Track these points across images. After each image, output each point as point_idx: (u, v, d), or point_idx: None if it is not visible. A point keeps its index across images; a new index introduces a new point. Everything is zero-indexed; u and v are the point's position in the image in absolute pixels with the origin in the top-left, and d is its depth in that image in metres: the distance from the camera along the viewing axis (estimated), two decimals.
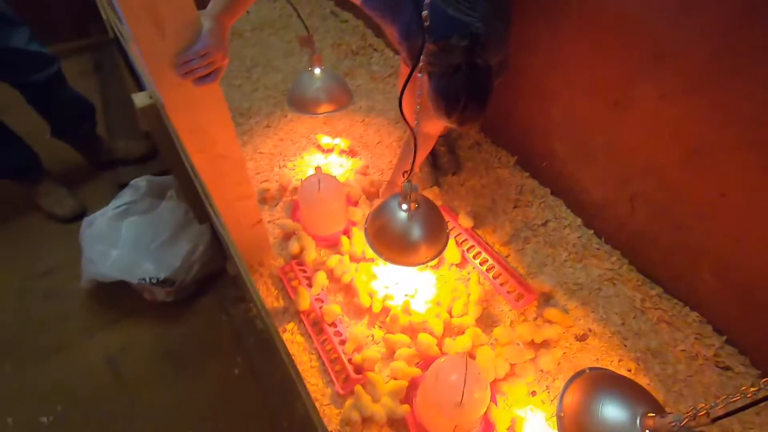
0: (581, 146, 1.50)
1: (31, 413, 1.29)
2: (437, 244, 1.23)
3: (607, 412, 0.82)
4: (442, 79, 1.05)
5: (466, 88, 1.05)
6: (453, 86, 1.04)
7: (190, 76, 0.96)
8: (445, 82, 1.05)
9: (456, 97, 1.05)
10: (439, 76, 1.05)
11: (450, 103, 1.06)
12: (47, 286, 1.60)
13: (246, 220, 1.39)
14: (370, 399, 1.18)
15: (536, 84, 1.55)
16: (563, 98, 1.48)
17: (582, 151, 1.51)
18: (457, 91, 1.04)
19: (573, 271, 1.49)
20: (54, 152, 1.92)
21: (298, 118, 2.08)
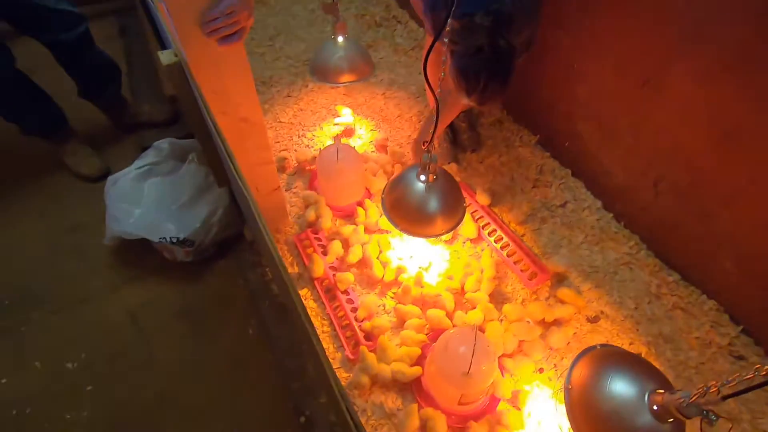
0: (606, 127, 1.47)
1: (58, 359, 1.36)
2: (453, 218, 1.23)
3: (615, 387, 0.82)
4: (464, 59, 1.05)
5: (486, 69, 1.04)
6: (474, 66, 1.04)
7: (215, 34, 0.96)
8: (467, 61, 1.04)
9: (476, 78, 1.05)
10: (460, 55, 1.05)
11: (470, 83, 1.06)
12: (74, 242, 1.66)
13: (264, 186, 1.40)
14: (374, 358, 1.21)
15: (563, 61, 1.50)
16: (591, 76, 1.43)
17: (607, 132, 1.47)
18: (478, 71, 1.04)
19: (589, 254, 1.47)
20: (81, 113, 1.97)
21: (318, 89, 2.08)
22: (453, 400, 1.11)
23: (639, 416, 0.79)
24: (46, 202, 1.77)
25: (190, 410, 1.27)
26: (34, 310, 1.47)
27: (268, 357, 1.36)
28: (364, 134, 1.90)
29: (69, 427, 1.24)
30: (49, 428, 1.23)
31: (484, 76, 1.05)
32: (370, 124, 1.93)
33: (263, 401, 1.28)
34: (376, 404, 1.20)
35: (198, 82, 1.01)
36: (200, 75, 1.02)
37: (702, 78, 1.12)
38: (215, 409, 1.27)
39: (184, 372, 1.34)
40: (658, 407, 0.76)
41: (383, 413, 1.18)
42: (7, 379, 1.32)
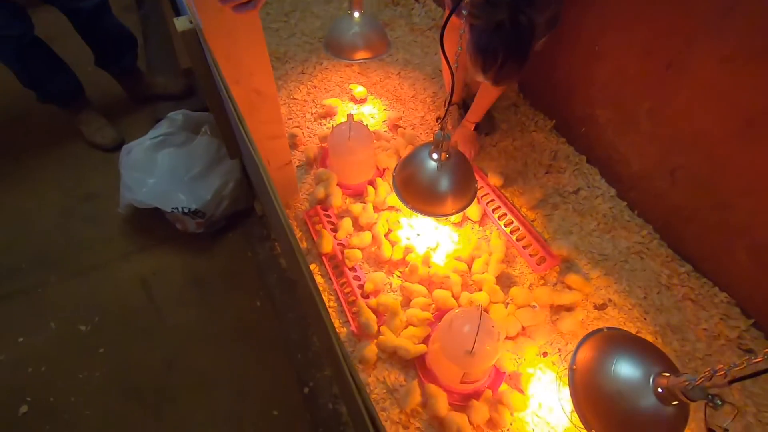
0: (625, 113, 1.43)
1: (72, 321, 1.40)
2: (464, 198, 1.23)
3: (621, 370, 0.82)
4: (483, 34, 1.03)
5: (505, 46, 1.02)
6: (492, 42, 1.02)
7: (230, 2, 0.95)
8: (486, 37, 1.02)
9: (494, 54, 1.03)
10: (480, 31, 1.03)
11: (487, 60, 1.05)
12: (88, 209, 1.69)
13: (276, 160, 1.41)
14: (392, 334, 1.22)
15: (584, 42, 1.46)
16: (612, 59, 1.40)
17: (625, 118, 1.44)
18: (496, 48, 1.02)
19: (600, 242, 1.45)
20: (97, 84, 1.98)
21: (333, 66, 2.06)
22: (455, 378, 1.12)
23: (643, 398, 0.79)
24: (62, 170, 1.80)
25: (197, 375, 1.30)
26: (50, 273, 1.51)
27: (274, 328, 1.38)
28: (376, 113, 1.89)
29: (82, 385, 1.27)
30: (63, 386, 1.27)
31: (502, 54, 1.03)
32: (384, 104, 1.92)
33: (268, 371, 1.30)
34: (379, 379, 1.21)
35: (212, 49, 1.01)
36: (214, 43, 1.01)
37: (728, 61, 1.08)
38: (221, 376, 1.30)
39: (192, 339, 1.37)
40: (663, 390, 0.76)
41: (386, 388, 1.20)
42: (24, 338, 1.36)
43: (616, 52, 1.38)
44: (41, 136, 1.90)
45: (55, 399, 1.25)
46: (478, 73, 1.10)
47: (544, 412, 1.15)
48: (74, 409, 1.24)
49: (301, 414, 1.22)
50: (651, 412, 0.78)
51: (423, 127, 1.83)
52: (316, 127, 1.82)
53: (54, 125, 1.91)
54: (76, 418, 1.22)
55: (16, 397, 1.25)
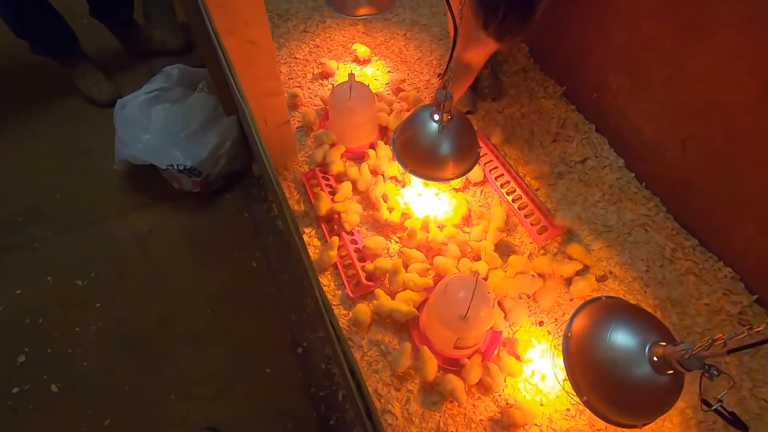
0: (639, 78, 1.36)
1: (68, 276, 1.40)
2: (465, 162, 1.19)
3: (616, 338, 0.80)
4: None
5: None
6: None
7: None
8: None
9: (495, 7, 0.97)
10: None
11: (488, 13, 0.99)
12: (85, 164, 1.67)
13: (273, 118, 1.36)
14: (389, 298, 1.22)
15: (599, 3, 1.38)
16: (628, 20, 1.32)
17: (639, 84, 1.37)
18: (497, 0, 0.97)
19: (604, 213, 1.42)
20: (93, 37, 1.92)
21: (336, 25, 1.97)
22: (449, 343, 1.11)
23: (637, 367, 0.77)
24: (59, 125, 1.77)
25: (191, 333, 1.31)
26: (47, 228, 1.50)
27: (270, 289, 1.37)
28: (380, 75, 1.82)
29: (78, 338, 1.29)
30: (59, 338, 1.29)
31: (503, 6, 0.97)
32: (388, 66, 1.85)
33: (262, 330, 1.31)
34: (373, 342, 1.21)
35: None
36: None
37: (754, 21, 1.01)
38: (215, 334, 1.31)
39: (187, 297, 1.37)
40: (659, 359, 0.74)
41: (380, 351, 1.20)
42: (21, 290, 1.37)
43: (633, 13, 1.30)
44: (38, 89, 1.86)
45: (53, 350, 1.27)
46: (480, 30, 1.05)
47: (537, 379, 1.15)
48: (71, 360, 1.25)
49: (294, 373, 1.23)
50: (645, 381, 0.77)
51: (428, 91, 1.76)
52: (318, 88, 1.77)
53: (51, 79, 1.86)
54: (72, 369, 1.24)
55: (14, 347, 1.27)
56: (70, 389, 1.21)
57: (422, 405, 1.12)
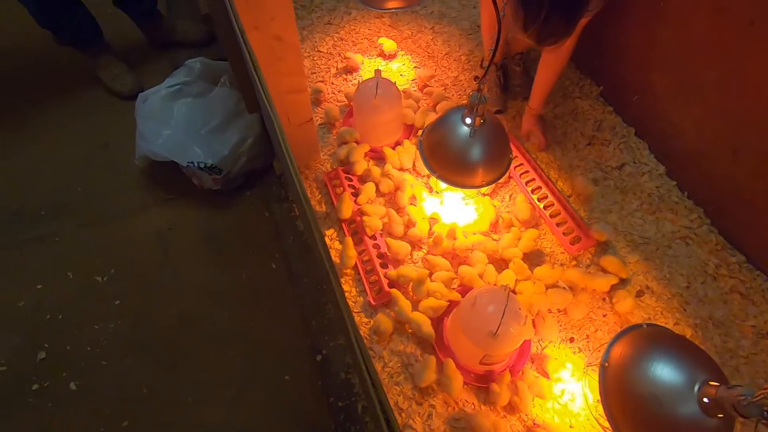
0: (687, 81, 1.27)
1: (88, 271, 1.39)
2: (497, 169, 1.12)
3: (661, 372, 0.74)
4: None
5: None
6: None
7: None
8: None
9: (538, 6, 0.88)
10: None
11: (530, 13, 0.90)
12: (107, 158, 1.65)
13: (296, 116, 1.32)
14: (409, 305, 1.17)
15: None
16: (679, 16, 1.22)
17: (687, 87, 1.27)
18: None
19: (642, 223, 1.33)
20: (116, 28, 1.90)
21: (362, 17, 1.91)
22: (474, 359, 1.06)
23: (683, 406, 0.71)
24: (82, 117, 1.75)
25: (209, 334, 1.29)
26: (68, 222, 1.50)
27: (289, 292, 1.34)
28: (406, 71, 1.75)
29: (97, 336, 1.28)
30: (78, 335, 1.28)
31: (547, 5, 0.88)
32: (414, 61, 1.78)
33: (281, 334, 1.28)
34: (394, 352, 1.17)
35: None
36: None
37: None
38: (233, 336, 1.28)
39: (205, 296, 1.35)
40: (709, 400, 0.68)
41: (401, 362, 1.16)
42: (43, 285, 1.37)
43: (683, 10, 1.20)
44: (61, 80, 1.84)
45: (72, 347, 1.26)
46: (519, 30, 0.95)
47: (566, 398, 1.09)
48: (90, 358, 1.25)
49: (313, 381, 1.19)
50: (691, 422, 0.70)
51: (455, 88, 1.69)
52: (341, 83, 1.71)
53: (74, 70, 1.85)
54: (91, 367, 1.23)
55: (34, 343, 1.27)
56: (88, 388, 1.20)
57: (445, 421, 1.08)
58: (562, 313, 1.22)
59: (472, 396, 1.12)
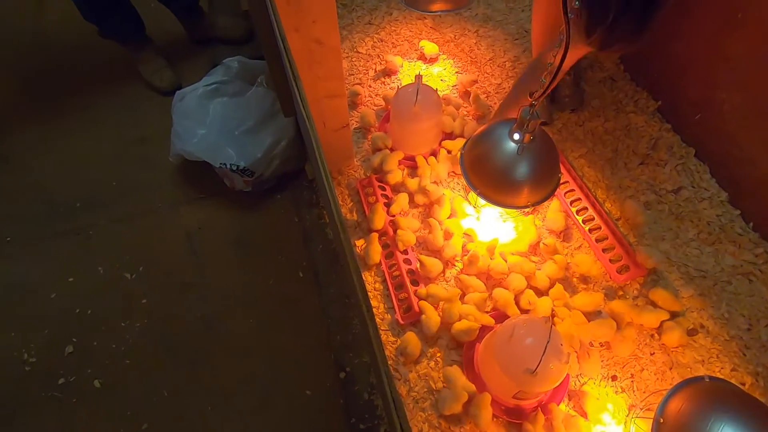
0: (760, 99, 1.15)
1: (118, 267, 1.40)
2: (543, 189, 1.04)
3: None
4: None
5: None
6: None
7: None
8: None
9: (605, 8, 0.78)
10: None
11: (594, 14, 0.80)
12: (142, 153, 1.66)
13: (332, 121, 1.27)
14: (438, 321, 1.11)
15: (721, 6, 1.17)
16: (756, 29, 1.10)
17: (759, 106, 1.15)
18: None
19: (699, 254, 1.22)
20: (159, 22, 1.91)
21: (403, 18, 1.84)
22: (507, 393, 0.99)
23: None
24: (120, 110, 1.77)
25: (233, 339, 1.27)
26: (102, 216, 1.51)
27: (315, 303, 1.30)
28: (447, 75, 1.68)
29: (122, 334, 1.28)
30: (105, 332, 1.28)
31: (615, 7, 0.78)
32: (456, 65, 1.70)
33: (305, 348, 1.24)
34: (420, 375, 1.11)
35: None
36: None
37: None
38: (256, 344, 1.26)
39: (231, 301, 1.33)
40: None
41: (428, 387, 1.10)
42: (74, 278, 1.38)
43: (764, 20, 1.08)
44: (102, 74, 1.87)
45: (98, 344, 1.27)
46: (580, 34, 0.86)
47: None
48: (115, 356, 1.25)
49: (335, 399, 1.15)
50: None
51: (498, 96, 1.61)
52: (380, 86, 1.66)
53: (115, 64, 1.87)
54: (116, 366, 1.23)
55: (63, 337, 1.28)
56: (111, 387, 1.20)
57: None
58: (604, 348, 1.13)
59: (502, 430, 1.05)
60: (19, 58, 1.92)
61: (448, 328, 1.13)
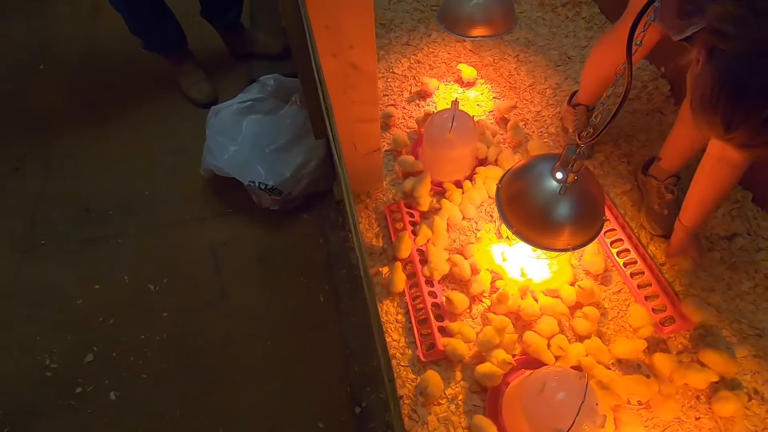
0: None
1: (143, 278, 1.40)
2: (586, 232, 0.97)
3: None
4: (738, 63, 0.60)
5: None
6: (762, 76, 0.58)
7: None
8: (745, 67, 0.59)
9: (758, 98, 0.59)
10: (732, 57, 0.60)
11: (746, 103, 0.60)
12: (175, 164, 1.68)
13: (363, 145, 1.24)
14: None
15: None
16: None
17: None
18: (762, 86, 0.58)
19: (754, 309, 1.12)
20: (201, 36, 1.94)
21: (442, 40, 1.81)
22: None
23: None
24: (157, 121, 1.81)
25: (249, 362, 1.24)
26: (132, 225, 1.53)
27: (335, 330, 1.26)
28: (483, 100, 1.63)
29: (141, 346, 1.28)
30: (126, 344, 1.28)
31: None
32: (493, 91, 1.65)
33: (321, 375, 1.20)
34: (440, 419, 1.05)
35: (310, 13, 0.84)
36: (313, 5, 0.84)
37: None
38: (272, 369, 1.23)
39: (250, 321, 1.31)
40: None
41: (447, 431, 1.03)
42: (100, 285, 1.40)
43: None
44: (143, 85, 1.92)
45: (118, 354, 1.27)
46: (714, 127, 0.65)
47: None
48: (132, 369, 1.24)
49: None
50: None
51: (536, 125, 1.55)
52: (414, 109, 1.63)
53: (156, 76, 1.92)
54: (132, 379, 1.23)
55: (85, 344, 1.28)
56: (127, 400, 1.20)
57: None
58: (643, 407, 1.04)
59: None
60: (69, 65, 2.00)
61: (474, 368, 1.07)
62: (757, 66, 0.59)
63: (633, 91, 1.55)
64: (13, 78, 1.98)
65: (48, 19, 2.20)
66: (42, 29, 2.16)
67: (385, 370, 0.52)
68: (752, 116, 0.60)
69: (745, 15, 0.58)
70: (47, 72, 2.00)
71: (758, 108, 0.59)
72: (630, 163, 1.40)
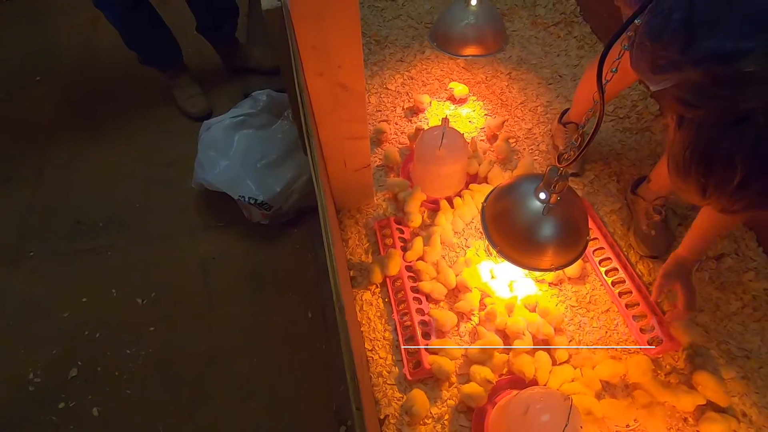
0: None
1: (131, 291, 1.40)
2: (569, 252, 0.97)
3: None
4: (704, 132, 0.60)
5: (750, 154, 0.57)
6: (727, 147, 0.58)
7: None
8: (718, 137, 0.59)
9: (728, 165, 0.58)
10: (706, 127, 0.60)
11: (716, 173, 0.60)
12: (167, 177, 1.69)
13: (352, 162, 1.25)
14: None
15: None
16: None
17: None
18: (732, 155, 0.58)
19: (742, 331, 1.11)
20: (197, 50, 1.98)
21: (435, 57, 1.83)
22: None
23: None
24: (151, 133, 1.82)
25: (234, 379, 1.23)
26: (121, 237, 1.53)
27: (322, 348, 1.26)
28: (475, 117, 1.64)
29: (126, 361, 1.27)
30: (111, 358, 1.27)
31: (741, 166, 0.58)
32: (485, 108, 1.67)
33: (307, 394, 1.19)
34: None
35: (297, 33, 0.85)
36: (301, 25, 0.85)
37: None
38: (257, 384, 1.22)
39: (237, 335, 1.31)
40: None
41: None
42: (87, 299, 1.39)
43: None
44: (139, 98, 1.94)
45: (102, 369, 1.26)
46: (691, 193, 0.66)
47: None
48: (117, 384, 1.23)
49: None
50: None
51: (527, 142, 1.55)
52: (406, 125, 1.63)
53: (151, 89, 1.94)
54: (116, 395, 1.22)
55: (69, 359, 1.28)
56: (109, 417, 1.18)
57: None
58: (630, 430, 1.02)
59: None
60: (66, 77, 2.02)
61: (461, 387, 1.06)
62: (721, 135, 0.58)
63: (622, 110, 1.56)
64: (9, 88, 2.00)
65: (46, 31, 2.23)
66: (40, 41, 2.19)
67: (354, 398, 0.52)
68: (723, 184, 0.59)
69: (719, 85, 0.58)
70: (43, 83, 2.02)
71: (727, 177, 0.58)
72: (620, 182, 1.40)
